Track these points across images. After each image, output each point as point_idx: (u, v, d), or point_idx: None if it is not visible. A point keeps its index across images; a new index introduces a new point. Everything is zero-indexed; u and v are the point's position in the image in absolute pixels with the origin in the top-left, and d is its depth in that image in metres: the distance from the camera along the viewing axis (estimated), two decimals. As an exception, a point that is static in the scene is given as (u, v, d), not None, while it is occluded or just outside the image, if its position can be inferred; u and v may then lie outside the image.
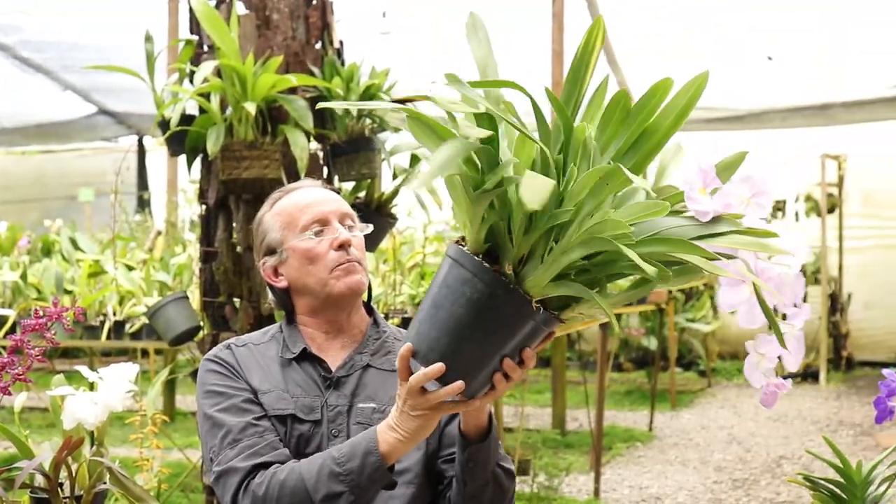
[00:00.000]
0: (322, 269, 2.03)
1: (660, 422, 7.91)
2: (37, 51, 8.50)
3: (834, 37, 7.71)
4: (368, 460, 1.75)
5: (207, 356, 2.08)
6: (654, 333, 8.58)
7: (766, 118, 9.57)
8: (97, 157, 12.31)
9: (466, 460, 1.82)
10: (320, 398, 2.01)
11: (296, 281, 2.07)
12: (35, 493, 1.98)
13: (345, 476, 1.77)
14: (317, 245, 2.04)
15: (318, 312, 2.08)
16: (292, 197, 2.12)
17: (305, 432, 1.97)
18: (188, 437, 6.64)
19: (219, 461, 1.92)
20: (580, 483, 5.99)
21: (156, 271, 6.00)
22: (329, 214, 2.07)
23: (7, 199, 12.03)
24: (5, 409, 2.07)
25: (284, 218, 2.09)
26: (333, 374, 2.03)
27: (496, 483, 1.87)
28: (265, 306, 3.61)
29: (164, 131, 3.73)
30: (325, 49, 3.80)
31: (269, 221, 2.12)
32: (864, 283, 10.70)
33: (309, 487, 1.80)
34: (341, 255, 2.03)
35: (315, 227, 2.06)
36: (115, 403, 1.97)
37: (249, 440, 1.92)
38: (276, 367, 2.04)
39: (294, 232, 2.07)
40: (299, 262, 2.06)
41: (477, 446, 1.81)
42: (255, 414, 1.97)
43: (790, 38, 7.72)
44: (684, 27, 7.70)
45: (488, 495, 1.86)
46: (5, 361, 1.94)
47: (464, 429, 1.82)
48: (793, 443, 7.15)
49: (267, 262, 2.11)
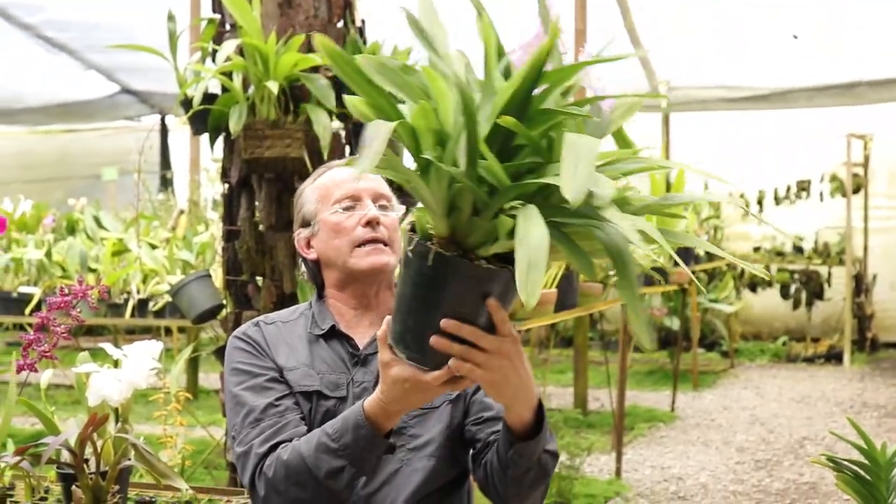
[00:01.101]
0: (346, 244, 2.05)
1: (682, 402, 7.89)
2: (60, 30, 8.52)
3: (860, 14, 7.62)
4: (360, 433, 1.75)
5: (235, 333, 2.10)
6: (677, 314, 8.55)
7: (790, 97, 9.48)
8: (120, 136, 12.35)
9: (511, 454, 1.76)
10: (346, 375, 2.02)
11: (323, 253, 2.10)
12: (61, 468, 2.00)
13: (342, 451, 1.77)
14: (345, 220, 2.07)
15: (345, 286, 2.09)
16: (333, 173, 2.16)
17: (331, 408, 1.98)
18: (211, 415, 6.68)
19: (240, 441, 1.94)
20: (602, 463, 5.99)
21: (179, 250, 6.02)
22: (362, 192, 2.09)
23: (32, 177, 12.10)
24: (32, 386, 2.07)
25: (321, 191, 2.13)
26: (361, 352, 2.05)
27: (540, 466, 1.82)
28: (287, 284, 3.62)
29: (186, 110, 3.73)
30: (348, 28, 3.79)
31: (308, 194, 2.16)
32: (889, 264, 10.62)
33: (310, 465, 1.80)
34: (367, 232, 2.05)
35: (346, 202, 2.08)
36: (140, 381, 1.98)
37: (269, 420, 1.93)
38: (304, 345, 2.06)
39: (327, 205, 2.10)
40: (327, 235, 2.09)
41: (524, 444, 1.74)
42: (278, 393, 1.98)
43: (816, 15, 7.64)
44: (711, 4, 7.63)
45: (530, 478, 1.83)
46: (32, 339, 1.95)
47: (509, 422, 1.74)
48: (816, 424, 7.12)
49: (301, 233, 2.16)
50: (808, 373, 9.47)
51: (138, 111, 11.50)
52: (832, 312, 10.60)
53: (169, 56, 3.83)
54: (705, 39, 7.95)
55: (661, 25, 7.73)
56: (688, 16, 7.73)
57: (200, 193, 8.07)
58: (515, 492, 1.86)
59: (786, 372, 9.57)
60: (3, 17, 8.07)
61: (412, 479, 1.95)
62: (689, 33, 7.89)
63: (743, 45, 8.22)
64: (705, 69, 8.80)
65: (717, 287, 9.61)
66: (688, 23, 7.78)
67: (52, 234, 7.38)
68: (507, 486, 1.85)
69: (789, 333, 10.83)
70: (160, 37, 3.95)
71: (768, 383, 8.90)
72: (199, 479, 4.64)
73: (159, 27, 3.98)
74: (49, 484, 2.28)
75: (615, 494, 5.35)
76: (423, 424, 1.99)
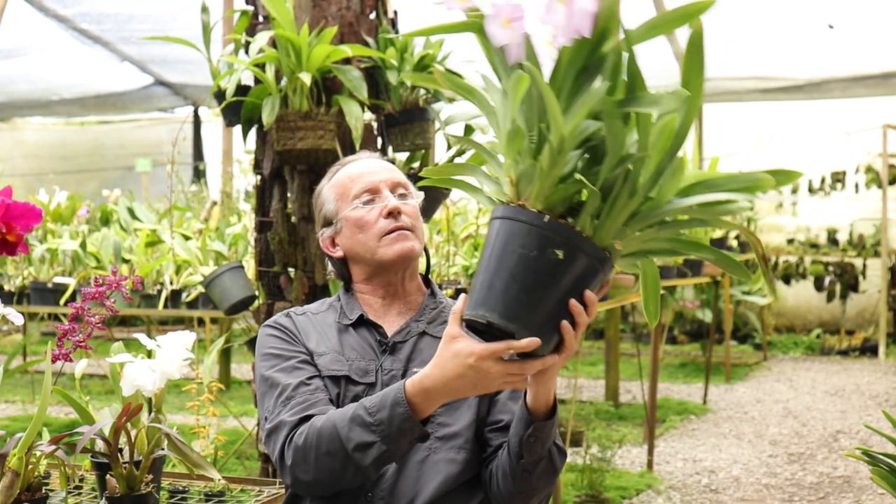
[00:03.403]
0: (372, 237, 2.07)
1: (714, 395, 7.85)
2: (95, 22, 8.58)
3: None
4: (397, 411, 1.76)
5: (266, 323, 2.13)
6: (709, 306, 8.51)
7: (826, 87, 9.39)
8: (154, 127, 12.45)
9: (529, 435, 1.82)
10: (375, 362, 2.04)
11: (349, 249, 2.12)
12: (95, 457, 2.01)
13: (376, 426, 1.78)
14: (367, 213, 2.09)
15: (372, 278, 2.12)
16: (347, 169, 2.17)
17: (360, 393, 1.99)
18: (243, 406, 6.73)
19: (271, 418, 1.96)
20: (633, 455, 5.97)
21: (211, 241, 6.06)
22: (379, 183, 2.11)
23: (66, 168, 12.22)
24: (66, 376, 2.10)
25: (339, 189, 2.14)
26: (389, 339, 2.07)
27: (549, 460, 1.88)
28: (319, 276, 3.63)
29: (219, 102, 3.75)
30: (380, 19, 3.78)
31: (326, 194, 2.17)
32: (925, 257, 10.51)
33: (342, 436, 1.81)
34: (390, 223, 2.07)
35: (365, 196, 2.10)
36: (173, 371, 1.99)
37: (301, 397, 1.96)
38: (333, 332, 2.09)
39: (346, 202, 2.12)
40: (351, 231, 2.10)
41: (542, 423, 1.81)
42: (308, 373, 2.01)
43: (852, 4, 7.55)
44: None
45: (539, 471, 1.87)
46: (66, 329, 1.97)
47: (532, 405, 1.81)
48: (850, 417, 7.06)
49: (324, 233, 2.17)
50: (842, 365, 9.39)
51: (172, 103, 11.59)
52: (867, 305, 10.50)
53: (202, 48, 3.85)
54: (739, 29, 7.88)
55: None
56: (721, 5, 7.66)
57: (233, 185, 8.12)
58: (522, 487, 1.88)
59: (819, 365, 9.49)
60: (39, 10, 8.14)
61: (438, 469, 1.96)
62: (723, 23, 7.82)
63: (778, 36, 8.15)
64: (739, 59, 8.73)
65: (750, 279, 9.54)
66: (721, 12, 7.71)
67: (86, 224, 7.46)
68: (515, 481, 1.88)
69: (823, 326, 10.74)
70: (194, 29, 3.97)
71: (802, 376, 8.83)
72: (231, 470, 4.67)
73: (193, 19, 3.99)
74: (84, 473, 2.30)
75: (647, 487, 5.33)
76: (453, 414, 1.99)
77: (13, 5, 6.94)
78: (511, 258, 1.51)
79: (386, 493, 1.93)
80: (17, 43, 8.77)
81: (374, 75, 3.73)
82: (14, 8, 7.17)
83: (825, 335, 10.42)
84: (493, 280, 1.52)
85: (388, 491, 1.94)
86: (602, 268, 1.55)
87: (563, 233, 1.50)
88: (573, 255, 1.51)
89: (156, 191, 9.30)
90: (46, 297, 6.52)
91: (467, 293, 1.59)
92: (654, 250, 1.60)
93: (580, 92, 1.49)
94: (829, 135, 10.38)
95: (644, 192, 1.52)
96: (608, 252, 1.54)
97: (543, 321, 1.54)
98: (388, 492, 1.94)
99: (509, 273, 1.51)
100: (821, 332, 10.52)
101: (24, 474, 1.80)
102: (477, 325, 1.59)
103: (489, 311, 1.53)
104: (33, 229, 2.06)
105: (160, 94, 10.89)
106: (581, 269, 1.52)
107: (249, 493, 2.39)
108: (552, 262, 1.50)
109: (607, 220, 1.52)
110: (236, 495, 2.36)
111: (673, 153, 1.51)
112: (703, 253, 1.59)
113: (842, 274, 10.46)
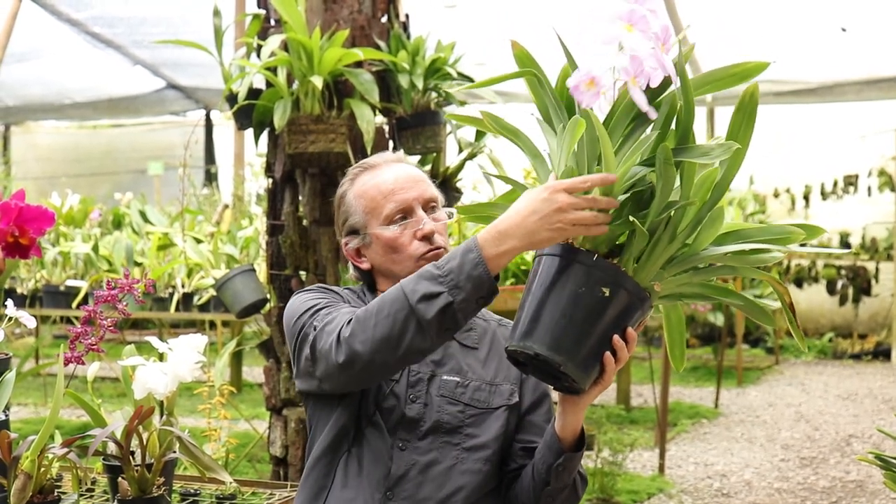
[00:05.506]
0: (407, 259, 2.01)
1: (726, 398, 7.83)
2: (107, 26, 8.60)
3: (911, 7, 7.50)
4: (467, 257, 1.69)
5: (298, 291, 2.07)
6: (721, 309, 8.48)
7: (839, 91, 9.35)
8: (166, 130, 12.48)
9: (558, 465, 1.87)
10: None
11: (380, 266, 2.07)
12: (108, 460, 2.02)
13: (443, 277, 1.71)
14: (400, 235, 2.02)
15: None
16: (375, 177, 2.07)
17: (384, 386, 1.97)
18: (255, 408, 6.73)
19: (319, 325, 1.87)
20: (645, 459, 5.96)
21: (223, 244, 6.07)
22: (413, 202, 2.03)
23: (79, 172, 12.25)
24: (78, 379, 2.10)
25: (367, 202, 2.06)
26: None
27: (573, 488, 1.93)
28: (331, 279, 3.63)
29: (231, 105, 3.76)
30: (391, 23, 3.79)
31: (351, 202, 2.09)
32: (938, 260, 10.46)
33: (407, 291, 1.74)
34: (425, 245, 2.01)
35: (398, 216, 2.03)
36: (185, 374, 2.00)
37: (349, 307, 1.92)
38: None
39: (377, 219, 2.04)
40: (383, 251, 2.04)
41: (572, 454, 1.87)
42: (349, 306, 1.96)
43: (865, 7, 7.52)
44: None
45: (563, 497, 1.92)
46: (79, 332, 1.98)
47: (560, 434, 1.85)
48: (863, 421, 7.03)
49: (350, 242, 2.09)
50: (854, 369, 9.35)
51: (184, 106, 11.61)
52: (880, 308, 10.45)
53: (214, 51, 3.86)
54: (751, 32, 7.86)
55: (705, 17, 7.64)
56: (733, 7, 7.65)
57: (244, 188, 8.13)
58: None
59: (832, 368, 9.45)
60: (52, 13, 8.16)
61: (464, 478, 1.94)
62: (735, 25, 7.80)
63: (790, 39, 8.12)
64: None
65: (762, 283, 9.52)
66: (733, 14, 7.70)
67: (98, 227, 7.48)
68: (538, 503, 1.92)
69: (835, 330, 10.70)
70: (206, 32, 3.98)
71: (814, 380, 8.80)
72: (242, 472, 4.68)
73: (205, 23, 4.00)
74: (95, 475, 2.31)
75: (658, 491, 5.31)
76: (480, 425, 1.98)
77: (26, 9, 6.98)
78: (560, 294, 1.62)
79: (408, 495, 1.92)
80: (29, 46, 8.80)
81: (385, 78, 3.73)
82: (27, 12, 7.20)
83: (837, 339, 10.38)
84: (540, 314, 1.63)
85: (411, 492, 1.92)
86: (642, 307, 1.66)
87: (610, 272, 1.62)
88: (617, 293, 1.62)
89: (168, 194, 9.31)
90: (59, 300, 6.54)
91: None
92: (687, 294, 1.71)
93: (631, 138, 1.60)
94: (843, 138, 10.35)
95: (683, 239, 1.63)
96: (648, 292, 1.66)
97: (588, 355, 1.65)
98: (410, 493, 1.92)
99: (558, 308, 1.62)
100: (833, 336, 10.48)
101: (36, 477, 1.80)
102: (522, 356, 1.68)
103: (537, 343, 1.63)
104: (46, 232, 2.07)
105: (172, 98, 10.91)
106: (623, 306, 1.64)
107: (261, 496, 2.39)
108: (599, 299, 1.61)
109: (647, 263, 1.63)
110: (247, 498, 2.36)
111: (713, 203, 1.62)
112: (732, 299, 1.71)
113: (854, 278, 10.42)
